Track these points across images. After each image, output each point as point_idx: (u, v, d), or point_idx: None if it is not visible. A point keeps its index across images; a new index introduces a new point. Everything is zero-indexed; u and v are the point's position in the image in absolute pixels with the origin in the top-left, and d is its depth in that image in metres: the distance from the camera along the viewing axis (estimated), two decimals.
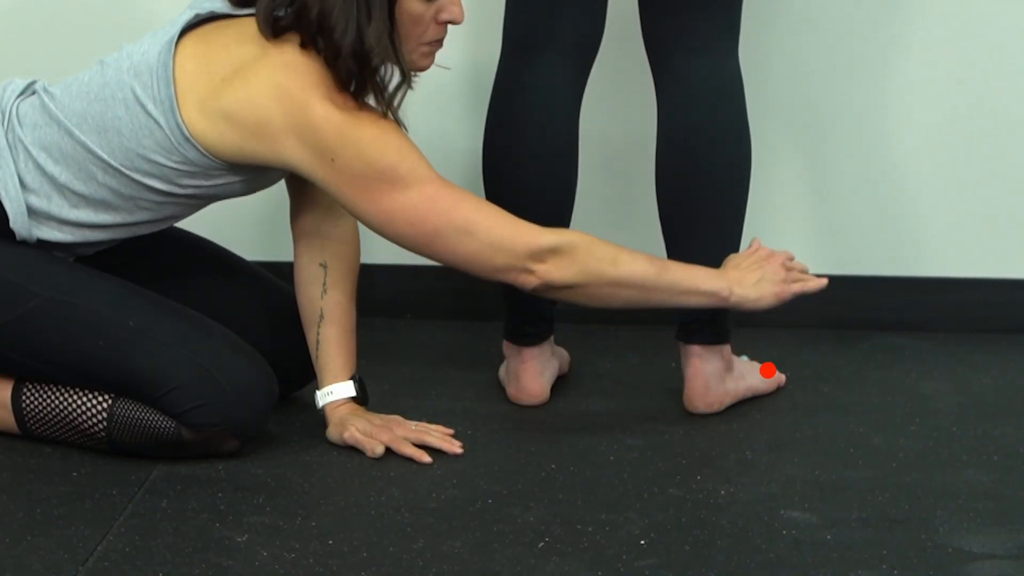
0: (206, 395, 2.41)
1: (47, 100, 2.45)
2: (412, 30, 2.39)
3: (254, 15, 2.39)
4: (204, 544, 2.20)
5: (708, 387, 2.69)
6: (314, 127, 2.35)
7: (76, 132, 2.42)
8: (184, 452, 2.44)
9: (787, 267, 2.56)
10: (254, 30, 2.39)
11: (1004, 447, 2.57)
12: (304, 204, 2.60)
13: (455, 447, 2.52)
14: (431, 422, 2.58)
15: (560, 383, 2.81)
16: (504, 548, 2.21)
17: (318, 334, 2.58)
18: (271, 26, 2.37)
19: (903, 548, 2.22)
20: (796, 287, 2.55)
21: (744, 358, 2.78)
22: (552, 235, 2.42)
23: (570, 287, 2.44)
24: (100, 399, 2.45)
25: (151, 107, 2.39)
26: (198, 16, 2.43)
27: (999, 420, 2.69)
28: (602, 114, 3.01)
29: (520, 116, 2.64)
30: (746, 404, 2.74)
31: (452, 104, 3.11)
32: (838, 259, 3.16)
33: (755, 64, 2.87)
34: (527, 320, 2.71)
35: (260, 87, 2.36)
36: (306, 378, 2.65)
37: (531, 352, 2.72)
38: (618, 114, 3.08)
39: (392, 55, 2.38)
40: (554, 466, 2.48)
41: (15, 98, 2.48)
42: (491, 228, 2.40)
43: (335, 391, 2.57)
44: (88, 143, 2.41)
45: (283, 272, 2.69)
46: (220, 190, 2.46)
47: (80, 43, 3.02)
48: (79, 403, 2.46)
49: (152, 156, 2.40)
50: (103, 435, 2.45)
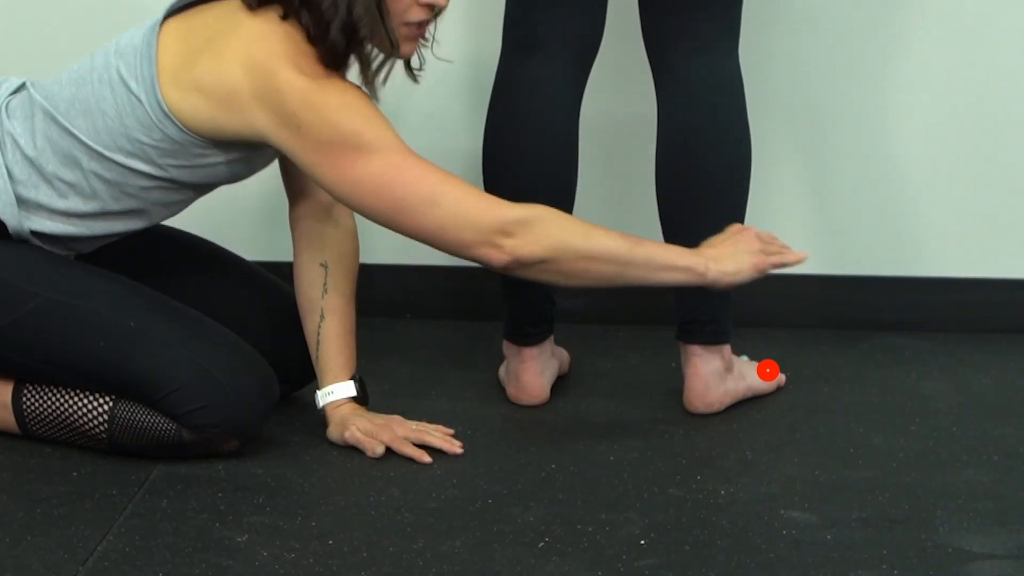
0: (206, 396, 2.41)
1: (35, 92, 2.47)
2: (394, 6, 2.37)
3: None
4: (204, 544, 2.20)
5: (708, 387, 2.69)
6: (279, 93, 2.33)
7: (60, 119, 2.42)
8: (184, 453, 2.44)
9: (762, 239, 2.49)
10: (238, 5, 2.39)
11: (1004, 447, 2.57)
12: (303, 204, 2.60)
13: (455, 447, 2.52)
14: (431, 422, 2.58)
15: (560, 383, 2.81)
16: (504, 548, 2.21)
17: (318, 334, 2.58)
18: None
19: (903, 548, 2.22)
20: (775, 259, 2.47)
21: (744, 358, 2.78)
22: (521, 208, 2.37)
23: (541, 262, 2.36)
24: (101, 401, 2.45)
25: (133, 85, 2.40)
26: (183, 0, 2.44)
27: (999, 420, 2.69)
28: (602, 113, 3.01)
29: (520, 115, 2.64)
30: (746, 404, 2.74)
31: (452, 103, 3.11)
32: (838, 259, 3.16)
33: (755, 64, 2.87)
34: (527, 320, 2.71)
35: (230, 57, 2.35)
36: (306, 378, 2.65)
37: (531, 352, 2.72)
38: (618, 114, 3.08)
39: (380, 26, 2.36)
40: (554, 466, 2.48)
41: (7, 95, 2.49)
42: (457, 200, 2.34)
43: (335, 391, 2.57)
44: (72, 128, 2.42)
45: (283, 272, 2.69)
46: (204, 174, 2.45)
47: (82, 45, 3.01)
48: (80, 405, 2.46)
49: (135, 135, 2.40)
50: (104, 436, 2.45)
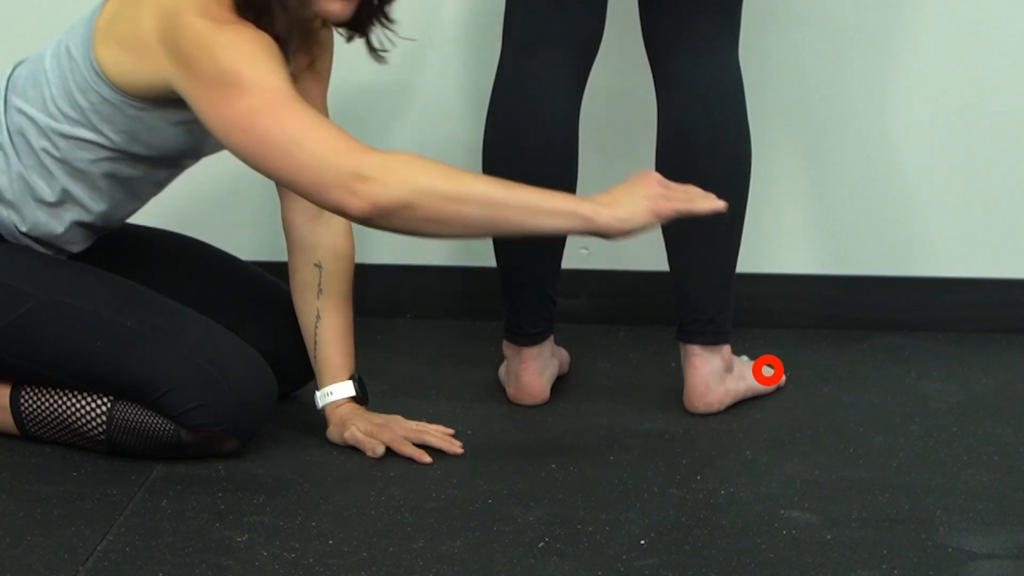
0: (205, 396, 2.41)
1: (11, 75, 2.50)
2: None
3: None
4: (204, 544, 2.20)
5: (708, 387, 2.69)
6: (178, 34, 2.31)
7: (13, 98, 2.46)
8: (183, 454, 2.44)
9: (665, 185, 2.31)
10: None
11: (1004, 447, 2.57)
12: (294, 205, 2.58)
13: (455, 447, 2.52)
14: (431, 422, 2.58)
15: (560, 383, 2.81)
16: (504, 548, 2.21)
17: (315, 335, 2.58)
18: None
19: (903, 548, 2.22)
20: (679, 204, 2.28)
21: (744, 358, 2.78)
22: (383, 152, 2.26)
23: (402, 207, 2.22)
24: (99, 402, 2.45)
25: (74, 51, 2.43)
26: None
27: (999, 420, 2.69)
28: (602, 113, 3.01)
29: (520, 115, 2.64)
30: (746, 404, 2.74)
31: (452, 102, 3.11)
32: (838, 259, 3.16)
33: (755, 64, 2.87)
34: (527, 320, 2.71)
35: (146, 6, 2.35)
36: (306, 378, 2.65)
37: (531, 352, 2.72)
38: (618, 113, 3.08)
39: None
40: (554, 466, 2.48)
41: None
42: (320, 140, 2.24)
43: (335, 391, 2.56)
44: (23, 106, 2.45)
45: (283, 272, 2.68)
46: (148, 142, 2.44)
47: None
48: (78, 406, 2.46)
49: (76, 98, 2.41)
50: (103, 438, 2.45)
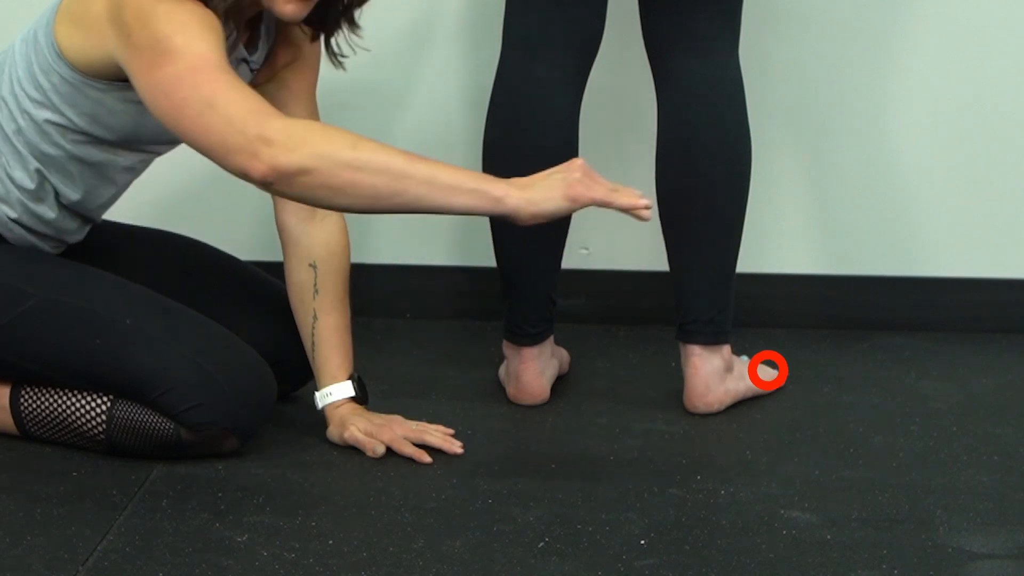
0: (204, 394, 2.41)
1: None
2: None
3: None
4: (204, 544, 2.20)
5: (708, 387, 2.68)
6: (122, 7, 2.30)
7: None
8: (183, 453, 2.44)
9: (590, 174, 2.24)
10: None
11: (1004, 447, 2.57)
12: (287, 205, 2.56)
13: (455, 447, 2.52)
14: (431, 422, 2.58)
15: (560, 383, 2.81)
16: (504, 548, 2.21)
17: (313, 336, 2.57)
18: None
19: (903, 548, 2.22)
20: (597, 194, 2.22)
21: (744, 358, 2.78)
22: (290, 119, 2.25)
23: (301, 172, 2.18)
24: (99, 401, 2.45)
25: (39, 33, 2.44)
26: None
27: (999, 420, 2.69)
28: (602, 113, 3.01)
29: (520, 115, 2.64)
30: (746, 404, 2.74)
31: (452, 102, 3.11)
32: (838, 259, 3.16)
33: (755, 64, 2.87)
34: (527, 320, 2.71)
35: None
36: (306, 378, 2.64)
37: (531, 352, 2.72)
38: (618, 114, 3.08)
39: None
40: (554, 466, 2.48)
41: None
42: (232, 103, 2.21)
43: (334, 392, 2.56)
44: None
45: (282, 272, 2.68)
46: (113, 125, 2.44)
47: None
48: (78, 406, 2.46)
49: (39, 79, 2.42)
50: (102, 438, 2.45)
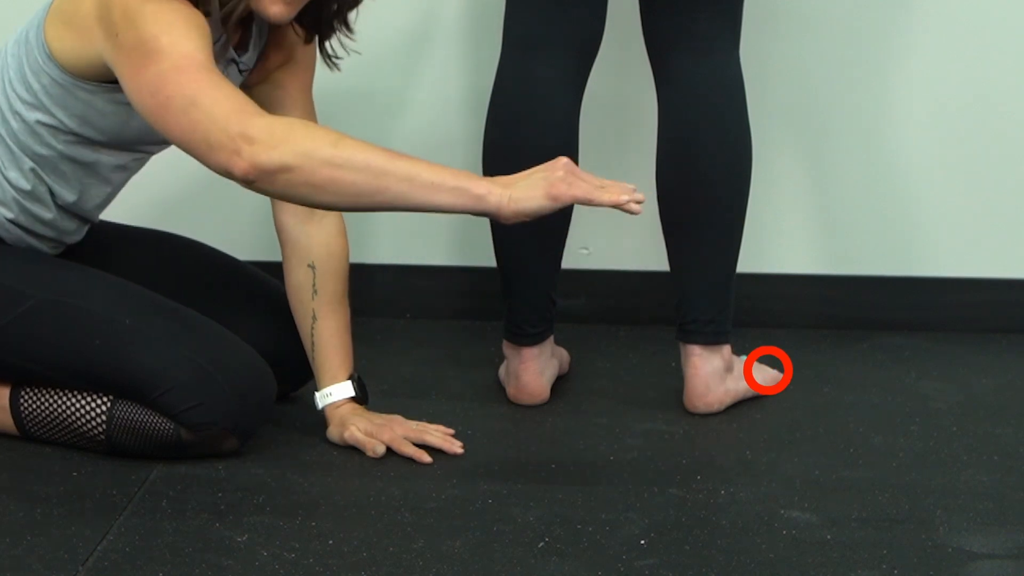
0: (203, 394, 2.41)
1: None
2: None
3: None
4: (204, 544, 2.20)
5: (708, 387, 2.68)
6: (110, 8, 2.30)
7: None
8: (184, 453, 2.44)
9: (574, 172, 2.20)
10: None
11: (1004, 447, 2.57)
12: (286, 206, 2.56)
13: (455, 447, 2.52)
14: (431, 422, 2.58)
15: (560, 383, 2.81)
16: (504, 548, 2.21)
17: (312, 336, 2.57)
18: None
19: (903, 548, 2.22)
20: (580, 191, 2.18)
21: (744, 358, 2.78)
22: (273, 117, 2.25)
23: (283, 170, 2.17)
24: (99, 402, 2.45)
25: (31, 34, 2.44)
26: None
27: (999, 420, 2.69)
28: (602, 113, 3.01)
29: (520, 115, 2.64)
30: (746, 404, 2.74)
31: (452, 102, 3.11)
32: (838, 259, 3.16)
33: (755, 64, 2.87)
34: (527, 320, 2.71)
35: None
36: (306, 378, 2.64)
37: (531, 352, 2.72)
38: (618, 114, 3.08)
39: None
40: (554, 466, 2.48)
41: None
42: (215, 100, 2.21)
43: (334, 392, 2.56)
44: None
45: (281, 272, 2.68)
46: (103, 127, 2.44)
47: None
48: (78, 406, 2.46)
49: (30, 81, 2.42)
50: (103, 438, 2.45)
